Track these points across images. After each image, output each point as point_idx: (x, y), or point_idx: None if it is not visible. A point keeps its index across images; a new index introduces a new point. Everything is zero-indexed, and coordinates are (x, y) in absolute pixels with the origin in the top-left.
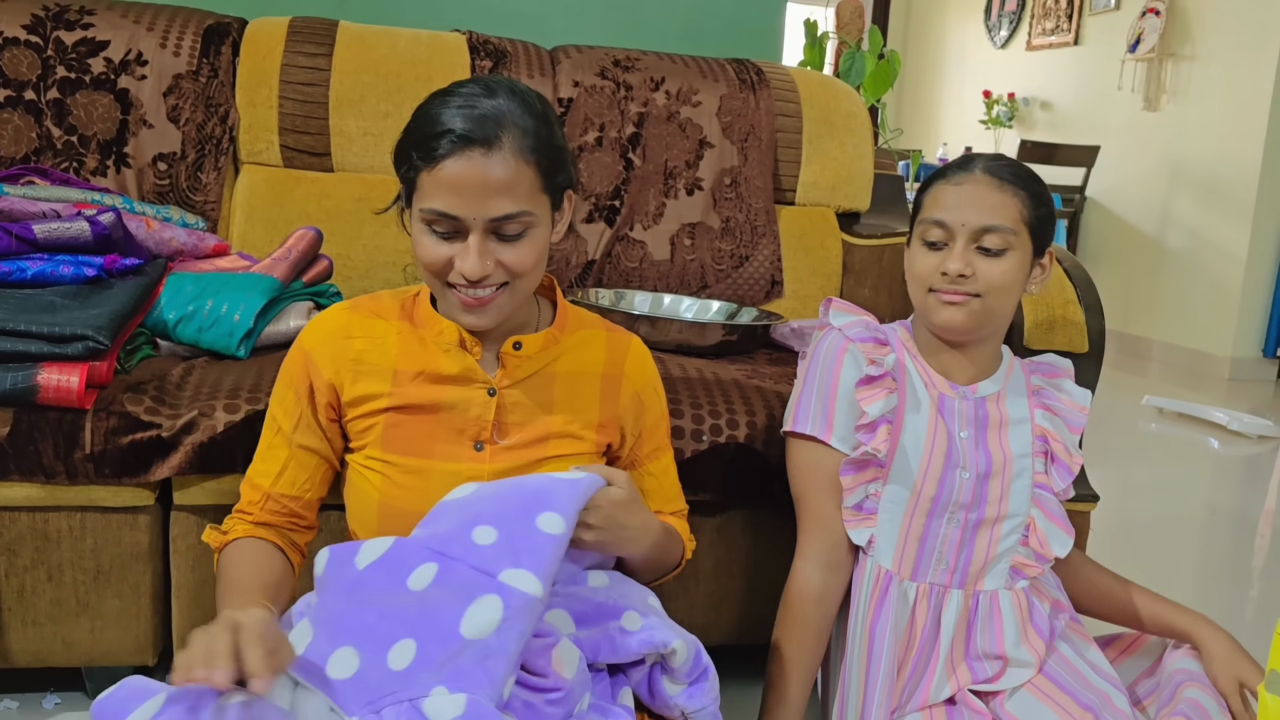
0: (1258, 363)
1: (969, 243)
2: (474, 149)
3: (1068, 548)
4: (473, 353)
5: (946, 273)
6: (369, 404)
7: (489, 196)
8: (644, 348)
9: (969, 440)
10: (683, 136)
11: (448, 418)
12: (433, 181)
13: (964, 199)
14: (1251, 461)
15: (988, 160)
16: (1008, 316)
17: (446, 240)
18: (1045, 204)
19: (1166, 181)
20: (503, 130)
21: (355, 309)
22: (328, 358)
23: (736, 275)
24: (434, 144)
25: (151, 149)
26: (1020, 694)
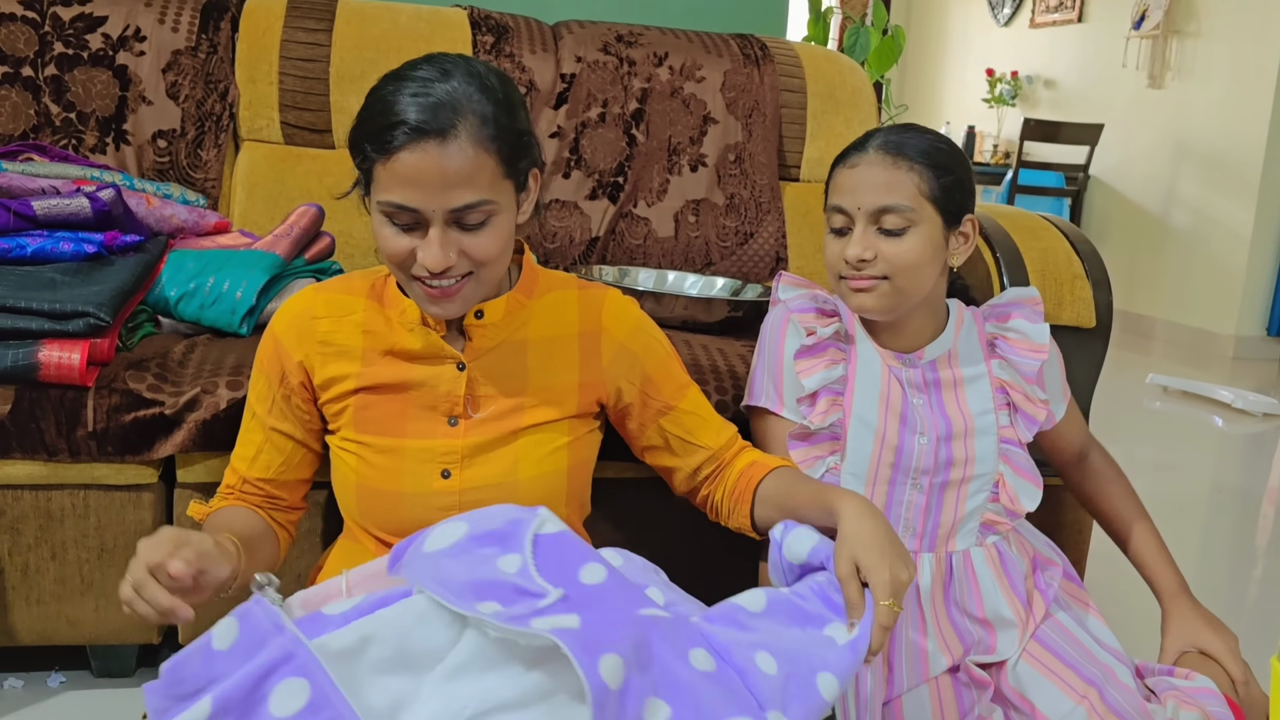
0: (1262, 341)
1: (868, 225)
2: (429, 140)
3: (1037, 501)
4: (436, 329)
5: (848, 259)
6: (339, 386)
7: (447, 188)
8: (621, 297)
9: (924, 406)
10: (686, 112)
11: (418, 395)
12: (388, 174)
13: (858, 181)
14: (1256, 439)
15: (885, 136)
16: (926, 289)
17: (407, 232)
18: (950, 172)
19: (1171, 159)
20: (459, 118)
21: (321, 290)
22: (295, 340)
23: (741, 252)
24: (387, 135)
25: (151, 126)
26: (1022, 667)
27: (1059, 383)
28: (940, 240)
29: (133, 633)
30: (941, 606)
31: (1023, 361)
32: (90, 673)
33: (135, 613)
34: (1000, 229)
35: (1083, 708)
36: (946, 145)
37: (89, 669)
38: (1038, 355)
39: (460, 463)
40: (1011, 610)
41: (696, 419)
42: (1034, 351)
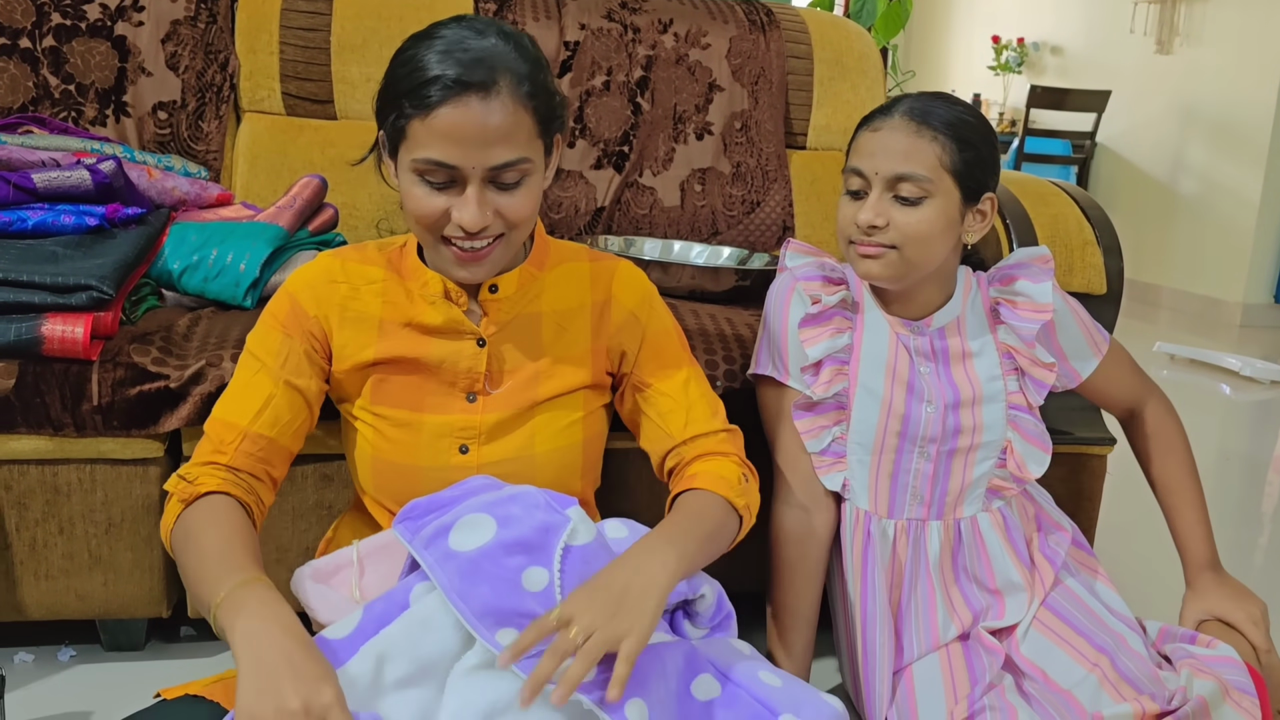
0: (1270, 308)
1: (884, 191)
2: (471, 94)
3: (1044, 467)
4: (458, 303)
5: (859, 224)
6: (356, 355)
7: (488, 144)
8: (633, 268)
9: (931, 374)
10: (692, 80)
11: (437, 371)
12: (426, 130)
13: (879, 145)
14: (1263, 407)
15: (913, 101)
16: (936, 263)
17: (441, 191)
18: (974, 147)
19: (1178, 126)
20: (498, 75)
21: (340, 255)
22: (313, 301)
23: (748, 221)
24: (427, 90)
25: (151, 97)
26: (1033, 635)
27: (1081, 339)
28: (955, 215)
29: (142, 606)
30: (951, 575)
31: (1024, 325)
32: (100, 646)
33: None
34: (1010, 195)
35: (1094, 675)
36: (975, 119)
37: (99, 643)
38: (1040, 316)
39: (479, 439)
40: (1019, 573)
41: (671, 403)
42: (1036, 312)
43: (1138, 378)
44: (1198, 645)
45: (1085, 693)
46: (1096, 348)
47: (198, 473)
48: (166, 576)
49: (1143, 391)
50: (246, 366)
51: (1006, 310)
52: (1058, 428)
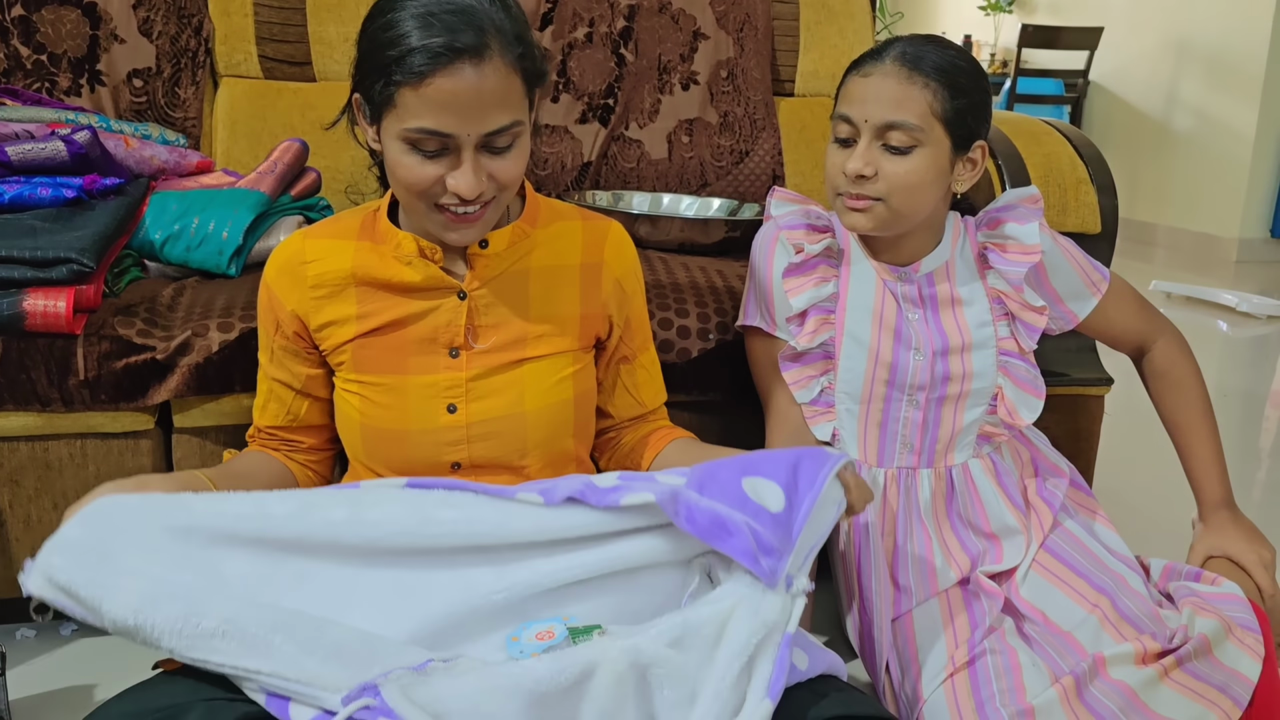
0: (1265, 243)
1: (873, 140)
2: (464, 61)
3: (1037, 413)
4: (434, 260)
5: (847, 173)
6: (337, 332)
7: (484, 111)
8: (623, 232)
9: (919, 320)
10: (676, 28)
11: (417, 329)
12: (419, 99)
13: (869, 92)
14: (1260, 342)
15: (904, 45)
16: (924, 213)
17: (433, 159)
18: (966, 94)
19: (1172, 61)
20: (488, 37)
21: (310, 233)
22: (287, 288)
23: (737, 171)
24: (416, 58)
25: (125, 65)
26: (1032, 577)
27: (1076, 278)
28: (945, 164)
29: None
30: (945, 521)
31: (1011, 269)
32: None
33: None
34: (1002, 135)
35: (1095, 616)
36: (967, 64)
37: None
38: (1028, 258)
39: (465, 396)
40: (1014, 517)
41: (647, 376)
42: (1024, 255)
43: (1145, 314)
44: (1203, 583)
45: (1086, 634)
46: (1094, 286)
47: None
48: None
49: (1151, 328)
50: (261, 354)
51: (994, 254)
52: (1054, 369)
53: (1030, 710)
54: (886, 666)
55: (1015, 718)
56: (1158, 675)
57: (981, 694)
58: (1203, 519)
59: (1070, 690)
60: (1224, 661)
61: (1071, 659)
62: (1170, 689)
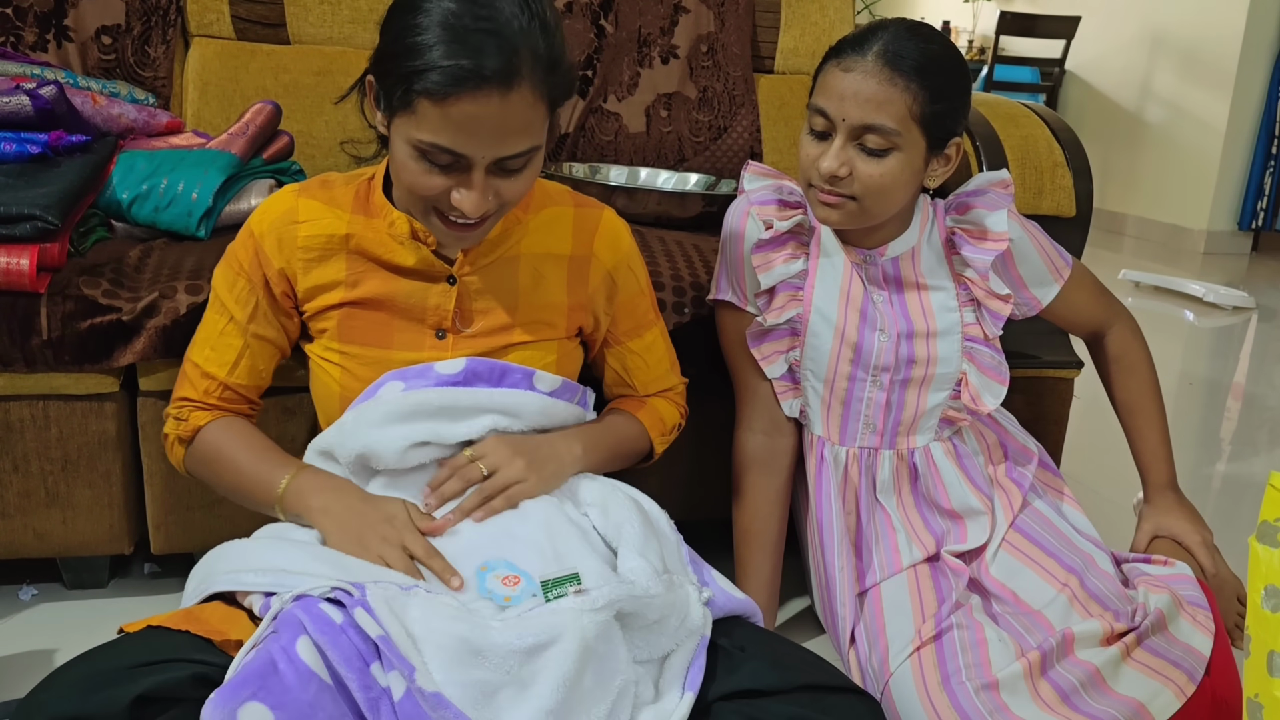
0: (1233, 235)
1: (848, 139)
2: (491, 88)
3: (999, 399)
4: (427, 243)
5: (821, 171)
6: (323, 297)
7: (504, 138)
8: (617, 221)
9: (884, 302)
10: (656, 1)
11: (405, 308)
12: (440, 115)
13: (849, 89)
14: (1226, 333)
15: (888, 39)
16: (895, 210)
17: (443, 172)
18: (946, 97)
19: (1147, 52)
20: (520, 62)
21: (304, 192)
22: (276, 245)
23: (715, 147)
24: (441, 76)
25: (94, 21)
26: (1002, 556)
27: (1041, 265)
28: (920, 165)
29: (103, 543)
30: (910, 500)
31: (979, 256)
32: (62, 585)
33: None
34: (980, 117)
35: (1064, 595)
36: (950, 61)
37: (61, 581)
38: (995, 246)
39: None
40: (976, 499)
41: (639, 360)
42: (993, 242)
43: (1103, 301)
44: (1154, 565)
45: (1055, 612)
46: (1058, 273)
47: (187, 412)
48: (127, 512)
49: (1108, 314)
50: (216, 311)
51: (962, 240)
52: (1024, 351)
53: (995, 683)
54: (853, 639)
55: (980, 690)
56: (1120, 655)
57: (948, 667)
58: (1148, 500)
59: (1035, 664)
60: (1178, 637)
61: (1039, 635)
62: (1131, 668)
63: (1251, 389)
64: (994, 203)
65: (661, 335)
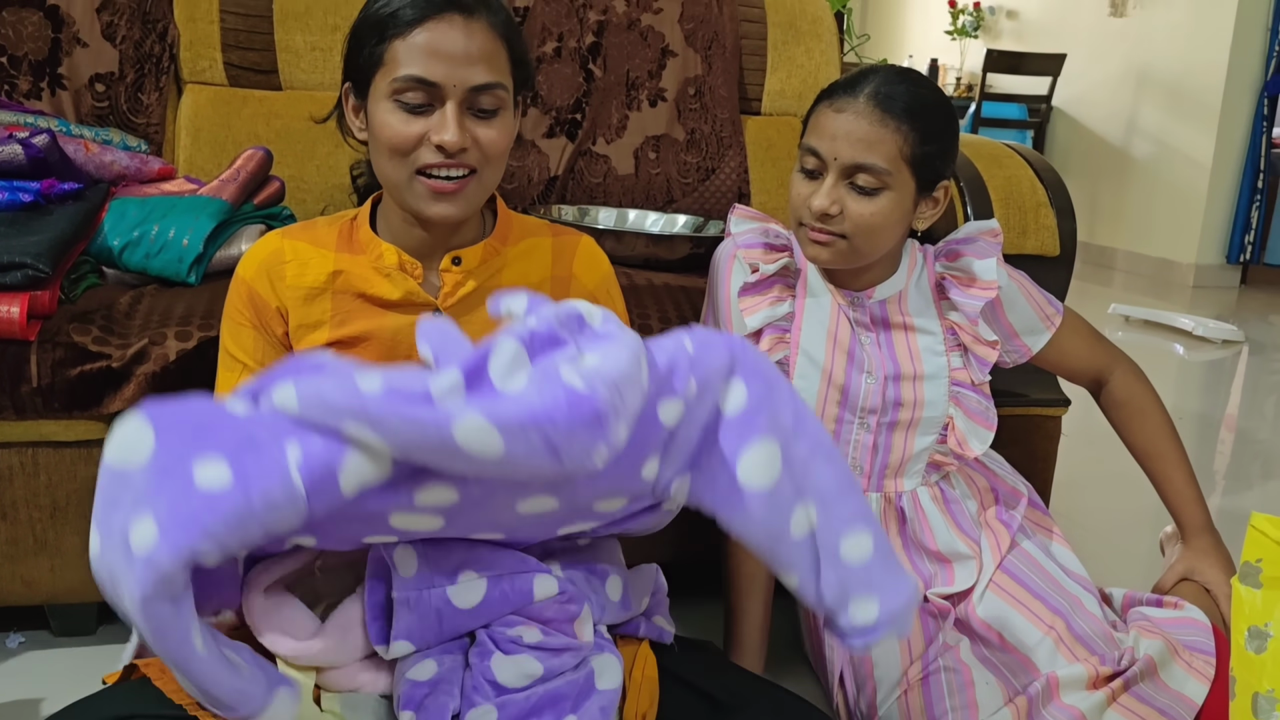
0: (1221, 269)
1: (840, 178)
2: (454, 13)
3: (986, 444)
4: (414, 275)
5: (812, 209)
6: (310, 336)
7: (470, 62)
8: (595, 246)
9: (872, 344)
10: (644, 45)
11: (391, 344)
12: (407, 49)
13: (841, 129)
14: (1216, 366)
15: (879, 82)
16: (885, 250)
17: (418, 115)
18: (935, 139)
19: (1132, 89)
20: (479, 3)
21: (288, 235)
22: (269, 286)
23: (703, 188)
24: (407, 10)
25: (87, 69)
26: (989, 598)
27: (1030, 313)
28: (909, 205)
29: (92, 590)
30: (897, 543)
31: (968, 303)
32: (50, 632)
33: None
34: (964, 158)
35: (1050, 638)
36: (939, 105)
37: (49, 629)
38: (985, 293)
39: None
40: (964, 544)
41: None
42: (982, 290)
43: (1099, 347)
44: (1164, 608)
45: (1042, 655)
46: (1048, 320)
47: None
48: None
49: (1107, 360)
50: (227, 368)
51: (952, 286)
52: (1012, 390)
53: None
54: (841, 680)
55: None
56: (1106, 700)
57: (935, 710)
58: (1185, 541)
59: (1023, 710)
60: (1169, 684)
61: (1025, 679)
62: (1117, 714)
63: (1243, 423)
64: (983, 251)
65: None
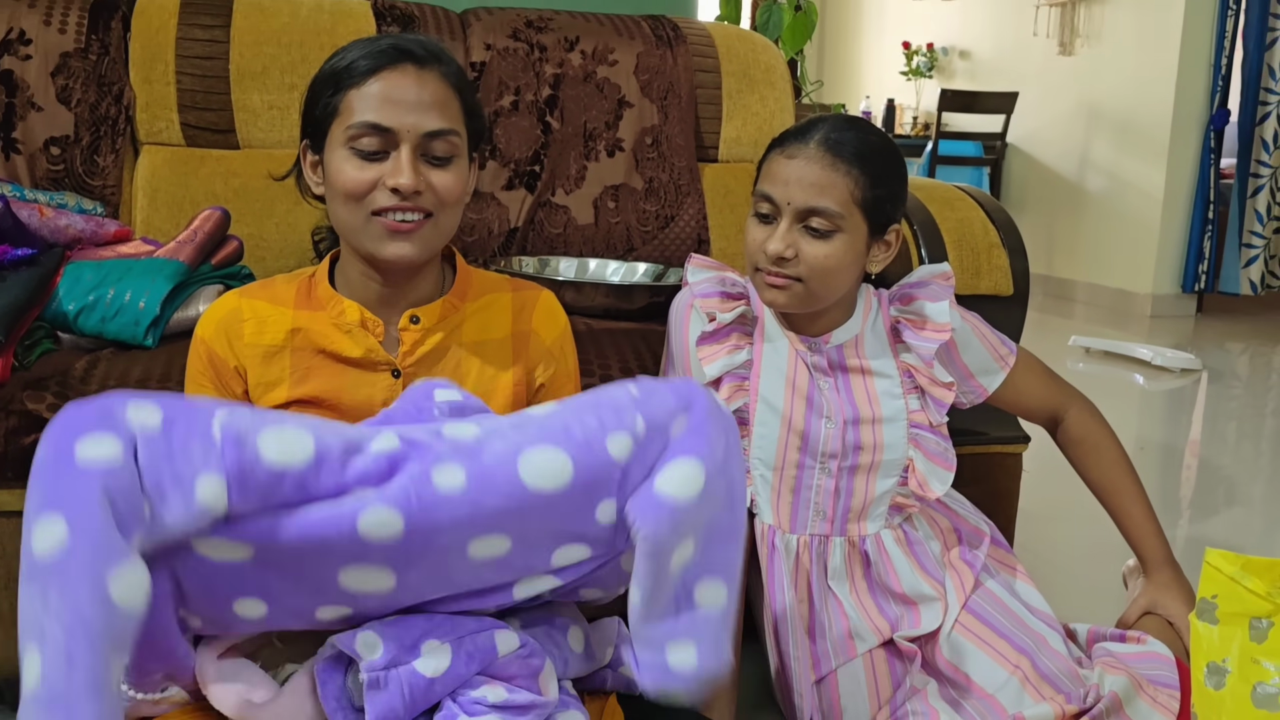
0: (1178, 298)
1: (794, 222)
2: (408, 63)
3: (947, 485)
4: (374, 333)
5: (767, 253)
6: (269, 395)
7: (424, 109)
8: (554, 300)
9: (830, 389)
10: (601, 97)
11: (351, 403)
12: (362, 97)
13: (793, 175)
14: (1175, 395)
15: (829, 129)
16: (840, 293)
17: (373, 161)
18: (885, 184)
19: (1084, 124)
20: (433, 55)
21: (245, 294)
22: (226, 345)
23: (663, 236)
24: (362, 61)
25: (42, 133)
26: (955, 639)
27: (985, 354)
28: (862, 248)
29: None
30: (863, 586)
31: (923, 345)
32: (7, 706)
33: None
34: (917, 201)
35: (1015, 678)
36: (888, 150)
37: (4, 701)
38: (938, 335)
39: None
40: (929, 586)
41: None
42: (936, 332)
43: (1053, 385)
44: (1128, 643)
45: (1008, 696)
46: (1002, 360)
47: None
48: None
49: (1061, 398)
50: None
51: (906, 329)
52: (972, 428)
53: None
54: None
55: None
56: None
57: None
58: (1146, 575)
59: None
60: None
61: None
62: None
63: (1205, 451)
64: (936, 294)
65: None
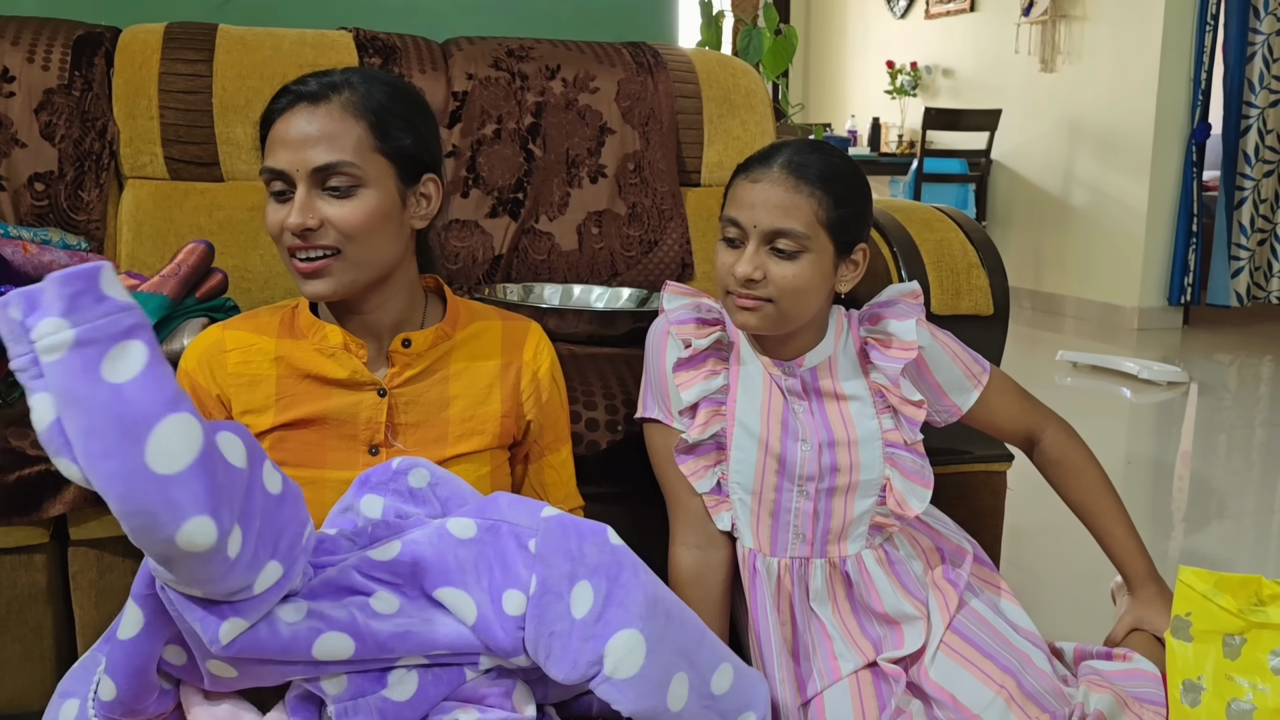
0: (1164, 311)
1: (760, 244)
2: (301, 104)
3: (925, 502)
4: (358, 355)
5: (736, 276)
6: (255, 419)
7: (310, 145)
8: (542, 333)
9: (805, 412)
10: (582, 124)
11: (337, 425)
12: (270, 143)
13: (758, 198)
14: (1163, 408)
15: (791, 153)
16: (811, 314)
17: (283, 202)
18: (849, 204)
19: (1067, 140)
20: (335, 89)
21: (229, 325)
22: (209, 376)
23: (646, 261)
24: (271, 107)
25: (26, 169)
26: (940, 659)
27: (956, 371)
28: (830, 268)
29: (35, 699)
30: (846, 607)
31: (890, 364)
32: None
33: None
34: (896, 223)
35: (1001, 698)
36: (850, 172)
37: None
38: (904, 354)
39: None
40: (911, 605)
41: (555, 475)
42: (902, 350)
43: (1028, 405)
44: (1114, 660)
45: (993, 716)
46: (975, 379)
47: None
48: (59, 666)
49: (1037, 419)
50: None
51: (874, 350)
52: (955, 447)
53: None
54: None
55: None
56: None
57: None
58: (1131, 592)
59: None
60: None
61: None
62: None
63: (1195, 464)
64: (903, 312)
65: (570, 455)
